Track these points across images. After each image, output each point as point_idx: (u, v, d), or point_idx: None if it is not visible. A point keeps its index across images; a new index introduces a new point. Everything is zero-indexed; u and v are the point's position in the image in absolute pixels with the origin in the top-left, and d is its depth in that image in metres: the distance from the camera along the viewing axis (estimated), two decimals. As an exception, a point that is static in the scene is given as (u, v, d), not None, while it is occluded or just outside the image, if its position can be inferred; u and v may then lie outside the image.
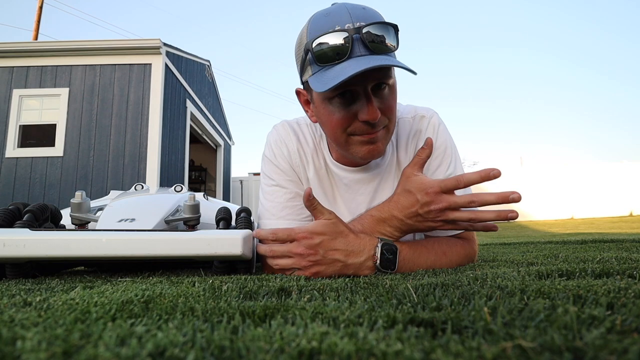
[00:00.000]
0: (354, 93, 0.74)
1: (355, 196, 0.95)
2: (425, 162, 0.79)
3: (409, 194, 0.75)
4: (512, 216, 0.68)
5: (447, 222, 0.74)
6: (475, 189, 0.83)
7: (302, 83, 0.82)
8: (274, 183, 0.95)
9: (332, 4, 0.78)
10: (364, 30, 0.69)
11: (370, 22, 0.71)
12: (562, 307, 0.35)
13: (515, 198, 0.66)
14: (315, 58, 0.72)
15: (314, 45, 0.71)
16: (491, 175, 0.68)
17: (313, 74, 0.74)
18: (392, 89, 0.77)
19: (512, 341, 0.27)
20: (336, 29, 0.70)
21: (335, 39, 0.70)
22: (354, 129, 0.77)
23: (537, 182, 12.33)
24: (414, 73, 0.70)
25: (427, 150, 0.79)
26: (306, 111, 0.89)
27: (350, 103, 0.75)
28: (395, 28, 0.72)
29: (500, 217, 0.69)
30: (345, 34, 0.69)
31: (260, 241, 0.90)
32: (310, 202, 0.73)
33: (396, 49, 0.73)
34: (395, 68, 0.75)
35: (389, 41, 0.71)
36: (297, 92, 0.87)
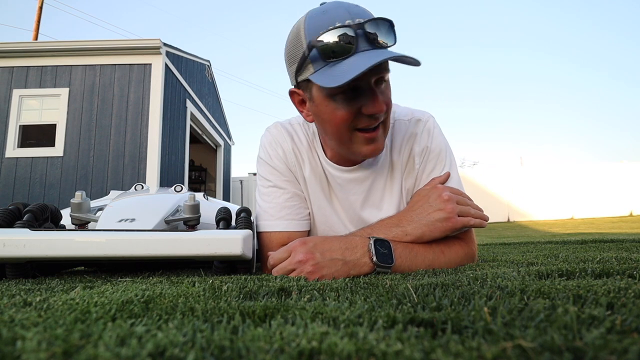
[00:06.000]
0: (358, 88, 0.75)
1: (348, 195, 0.95)
2: None
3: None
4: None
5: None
6: (473, 185, 0.84)
7: (297, 83, 0.81)
8: (271, 184, 0.94)
9: (321, 3, 0.78)
10: (366, 26, 0.70)
11: (369, 18, 0.72)
12: (562, 307, 0.35)
13: (484, 224, 0.87)
14: (320, 54, 0.72)
15: (318, 41, 0.71)
16: (481, 224, 0.87)
17: (316, 71, 0.74)
18: (388, 83, 0.80)
19: (512, 341, 0.27)
20: (337, 25, 0.71)
21: (339, 34, 0.70)
22: (358, 124, 0.78)
23: (537, 182, 12.29)
24: (418, 64, 0.71)
25: None
26: (301, 111, 0.87)
27: (354, 98, 0.76)
28: (390, 23, 0.73)
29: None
30: (350, 30, 0.70)
31: (259, 248, 0.92)
32: None
33: (394, 43, 0.75)
34: (389, 63, 0.77)
35: (389, 36, 0.73)
36: (291, 93, 0.86)
